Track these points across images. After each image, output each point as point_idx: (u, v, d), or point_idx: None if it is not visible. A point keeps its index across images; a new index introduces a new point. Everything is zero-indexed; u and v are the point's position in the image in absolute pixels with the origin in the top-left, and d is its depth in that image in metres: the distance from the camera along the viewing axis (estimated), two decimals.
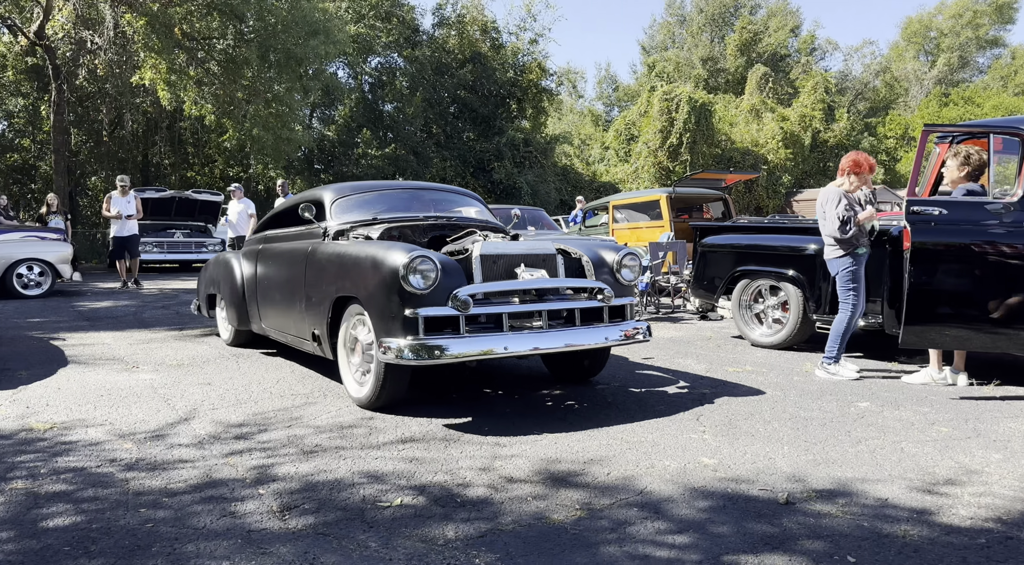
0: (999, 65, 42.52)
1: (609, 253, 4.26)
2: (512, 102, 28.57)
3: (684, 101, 26.97)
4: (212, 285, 6.33)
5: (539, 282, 3.84)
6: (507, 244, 3.99)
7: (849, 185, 4.95)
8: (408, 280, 3.52)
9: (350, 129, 25.91)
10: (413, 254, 3.56)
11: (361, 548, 2.32)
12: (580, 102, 46.63)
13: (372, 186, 5.12)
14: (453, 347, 3.52)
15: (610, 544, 2.36)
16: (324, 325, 4.20)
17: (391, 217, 4.65)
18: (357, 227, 4.53)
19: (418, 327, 3.53)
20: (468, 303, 3.58)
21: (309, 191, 5.18)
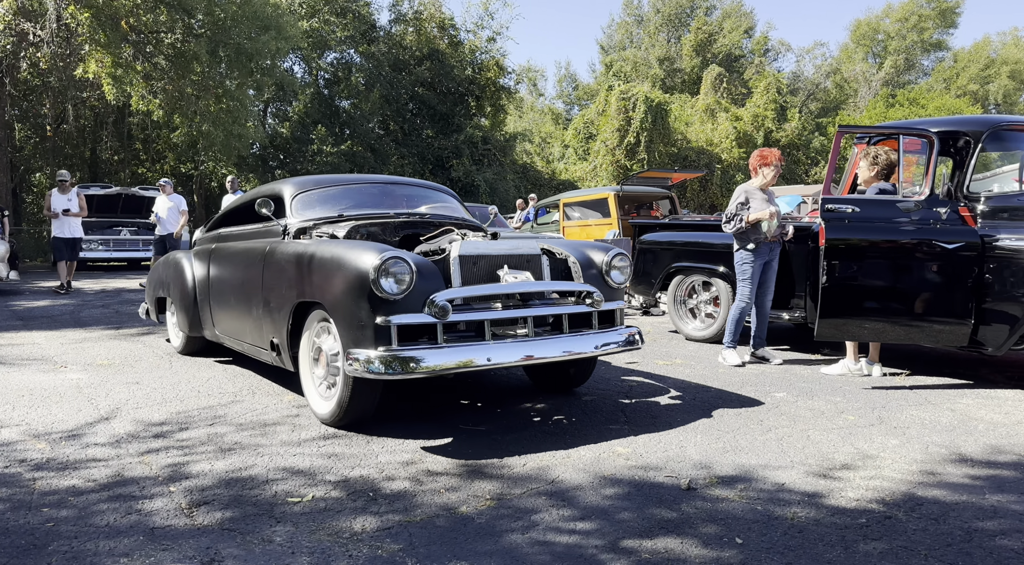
0: (942, 68, 44.04)
1: (597, 253, 3.93)
2: (471, 100, 28.58)
3: (641, 100, 27.35)
4: (161, 287, 5.87)
5: (524, 285, 3.51)
6: (488, 244, 3.63)
7: (763, 180, 5.18)
8: (379, 284, 3.16)
9: (305, 125, 25.61)
10: (385, 255, 3.20)
11: (265, 542, 2.34)
12: (540, 100, 46.82)
13: (337, 180, 4.69)
14: (430, 358, 3.15)
15: (514, 532, 2.42)
16: (284, 333, 3.82)
17: (358, 214, 4.26)
18: (321, 225, 4.14)
19: (391, 336, 3.17)
20: (447, 309, 3.22)
21: (267, 185, 4.76)
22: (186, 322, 5.29)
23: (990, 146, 4.73)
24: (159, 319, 6.18)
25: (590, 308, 3.66)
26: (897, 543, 2.30)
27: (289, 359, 3.86)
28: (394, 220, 4.28)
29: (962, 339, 4.40)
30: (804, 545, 2.29)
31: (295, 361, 3.86)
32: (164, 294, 5.81)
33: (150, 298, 6.24)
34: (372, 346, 3.20)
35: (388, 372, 3.10)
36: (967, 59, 43.97)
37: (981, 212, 4.41)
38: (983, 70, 43.19)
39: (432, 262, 3.46)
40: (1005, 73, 42.73)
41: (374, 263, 3.18)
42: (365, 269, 3.21)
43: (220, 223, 5.45)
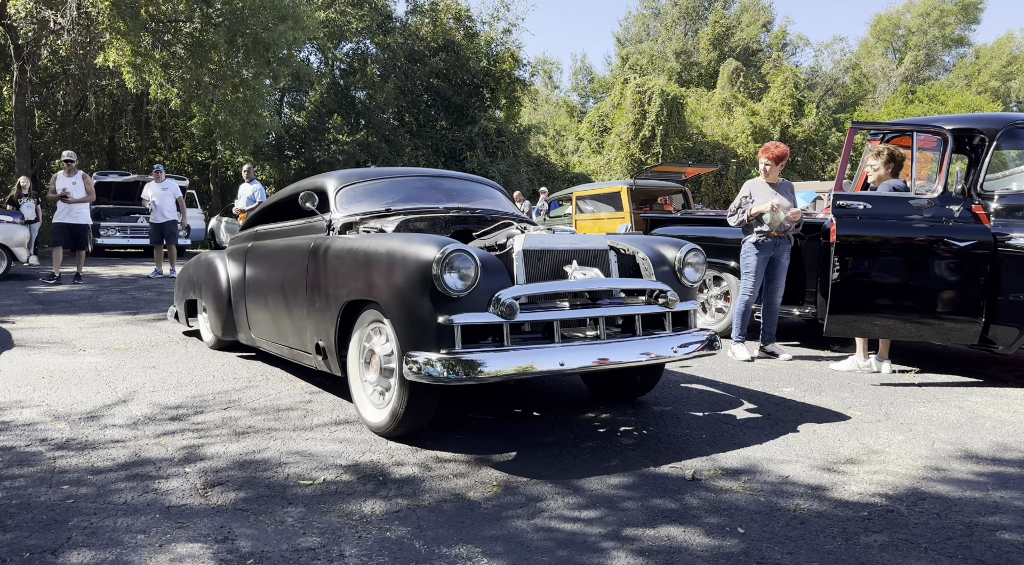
0: (963, 64, 43.43)
1: (669, 250, 3.66)
2: (485, 91, 28.57)
3: (656, 94, 27.21)
4: (193, 289, 5.50)
5: (595, 283, 3.23)
6: (552, 238, 3.36)
7: (764, 175, 5.23)
8: (442, 280, 2.90)
9: (321, 115, 25.73)
10: (447, 248, 2.93)
11: (277, 522, 2.41)
12: (555, 93, 46.68)
13: (383, 173, 4.45)
14: (495, 362, 2.87)
15: (520, 518, 2.47)
16: (332, 335, 3.53)
17: (407, 208, 4.03)
18: (368, 219, 3.91)
19: (453, 338, 2.90)
20: (514, 308, 2.93)
21: (308, 179, 4.52)
22: (220, 325, 5.00)
23: (1005, 144, 4.71)
24: (189, 323, 5.79)
25: (663, 308, 3.36)
26: (898, 536, 2.33)
27: (337, 363, 3.55)
28: (444, 215, 4.02)
29: (972, 337, 4.40)
30: (805, 536, 2.33)
31: (343, 366, 3.55)
32: (196, 296, 5.49)
33: (179, 300, 5.90)
34: (433, 348, 2.92)
35: (451, 377, 2.82)
36: (989, 55, 43.35)
37: (995, 210, 4.39)
38: (1005, 66, 42.58)
39: (496, 257, 3.21)
40: None
41: (436, 257, 2.92)
42: (426, 264, 2.94)
43: (256, 221, 5.15)
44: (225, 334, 4.98)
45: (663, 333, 3.37)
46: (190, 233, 15.80)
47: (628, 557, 2.18)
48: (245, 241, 4.95)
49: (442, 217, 4.01)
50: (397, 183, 4.38)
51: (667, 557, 2.18)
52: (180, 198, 11.48)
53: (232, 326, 4.92)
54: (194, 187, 20.42)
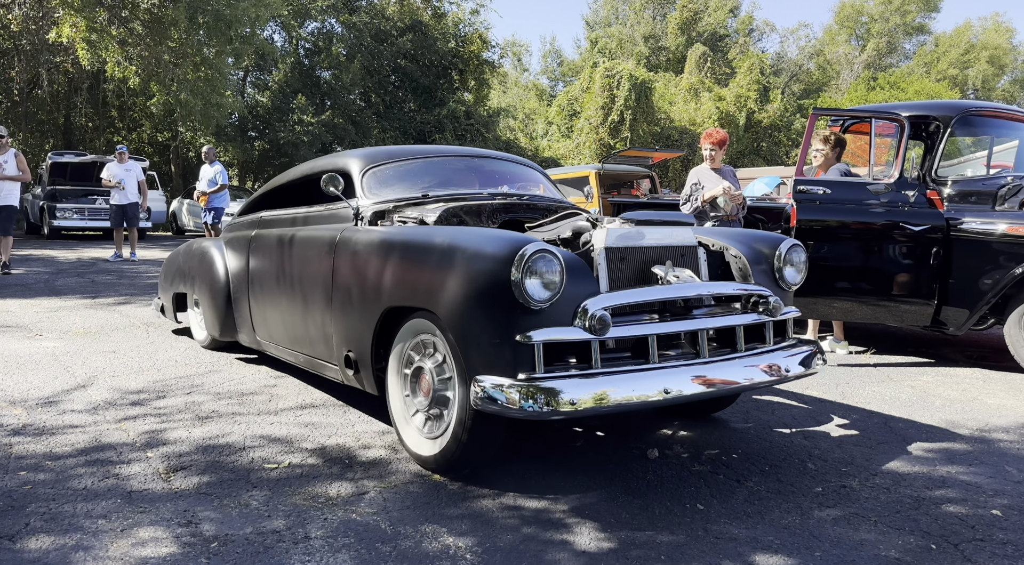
0: (923, 51, 44.33)
1: (766, 245, 3.11)
2: (454, 73, 28.31)
3: (625, 78, 27.26)
4: (182, 281, 4.88)
5: (696, 287, 2.69)
6: (638, 232, 2.78)
7: (708, 161, 5.30)
8: (523, 287, 2.33)
9: (285, 95, 25.23)
10: (529, 248, 2.36)
11: (242, 506, 2.40)
12: (525, 76, 46.49)
13: (415, 152, 3.87)
14: (584, 391, 2.31)
15: (486, 498, 2.50)
16: (367, 346, 2.96)
17: (448, 194, 3.46)
18: (403, 207, 3.32)
19: (533, 359, 2.35)
20: (606, 322, 2.38)
21: (324, 158, 3.98)
22: (217, 324, 4.38)
23: (959, 131, 4.84)
24: (177, 318, 5.25)
25: (766, 317, 2.80)
26: (850, 510, 2.42)
27: (372, 379, 3.00)
28: (490, 202, 3.44)
29: (925, 319, 4.54)
30: (762, 511, 2.40)
31: (380, 382, 3.00)
32: (186, 289, 4.86)
33: (165, 293, 5.26)
34: (507, 371, 2.37)
35: (530, 408, 2.28)
36: (948, 43, 44.27)
37: (948, 196, 4.53)
38: (963, 55, 43.54)
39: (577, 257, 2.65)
40: (984, 58, 43.11)
41: (515, 258, 2.34)
42: (502, 267, 2.37)
43: (258, 205, 4.52)
44: (223, 334, 4.37)
45: (765, 347, 2.81)
46: (151, 216, 15.45)
47: (591, 533, 2.23)
48: (247, 228, 4.31)
49: (488, 205, 3.41)
50: (431, 164, 3.86)
51: (612, 523, 2.23)
52: (142, 180, 11.22)
53: (232, 326, 4.31)
54: (155, 168, 19.95)
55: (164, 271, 5.33)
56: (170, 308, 5.21)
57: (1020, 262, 4.16)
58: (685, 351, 2.64)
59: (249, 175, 28.14)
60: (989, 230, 4.30)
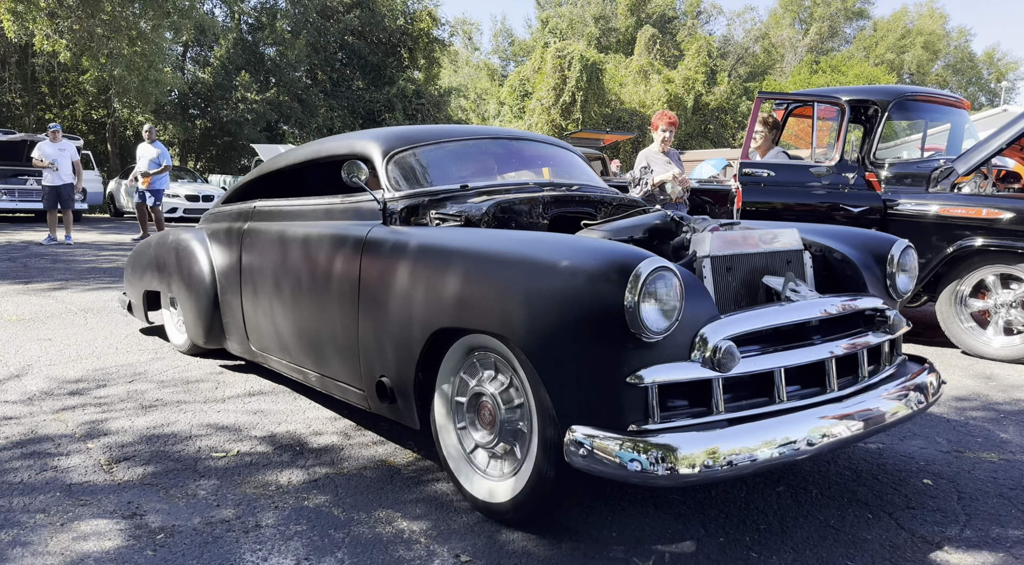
0: (863, 36, 45.64)
1: (873, 247, 2.64)
2: (403, 51, 27.88)
3: (576, 59, 27.29)
4: (156, 276, 4.23)
5: (822, 304, 2.21)
6: (744, 234, 2.32)
7: (658, 144, 5.36)
8: (640, 314, 1.79)
9: (227, 72, 24.45)
10: (647, 264, 1.83)
11: (189, 496, 2.35)
12: (476, 55, 46.07)
13: (442, 133, 3.26)
14: (710, 446, 1.82)
15: (440, 482, 2.51)
16: (410, 373, 2.42)
17: (490, 185, 2.97)
18: (441, 201, 2.78)
19: (647, 405, 1.86)
20: (733, 356, 1.87)
21: (333, 140, 3.40)
22: (201, 330, 3.75)
23: (896, 115, 5.01)
24: (148, 318, 4.60)
25: (886, 335, 2.36)
26: (794, 483, 2.51)
27: (415, 412, 2.47)
28: (539, 195, 2.90)
29: None
30: (707, 488, 2.47)
31: (423, 411, 2.48)
32: (160, 287, 4.20)
33: (133, 288, 4.58)
34: (612, 421, 1.87)
35: (648, 472, 1.77)
36: (885, 28, 45.64)
37: (885, 178, 4.69)
38: (900, 40, 44.97)
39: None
40: (919, 43, 44.63)
41: (630, 277, 1.81)
42: (612, 288, 1.82)
43: (249, 192, 3.89)
44: (209, 341, 3.77)
45: (886, 369, 2.39)
46: (87, 197, 14.83)
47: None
48: (236, 220, 3.67)
49: (540, 199, 2.86)
50: (464, 148, 3.27)
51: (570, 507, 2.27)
52: (77, 160, 10.74)
53: (219, 332, 3.70)
54: (90, 147, 19.15)
55: (132, 264, 4.61)
56: (139, 306, 4.53)
57: (952, 242, 4.34)
58: (806, 385, 2.13)
59: (191, 154, 27.26)
60: (923, 211, 4.47)
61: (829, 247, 2.63)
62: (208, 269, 3.73)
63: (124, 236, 11.76)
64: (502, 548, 2.04)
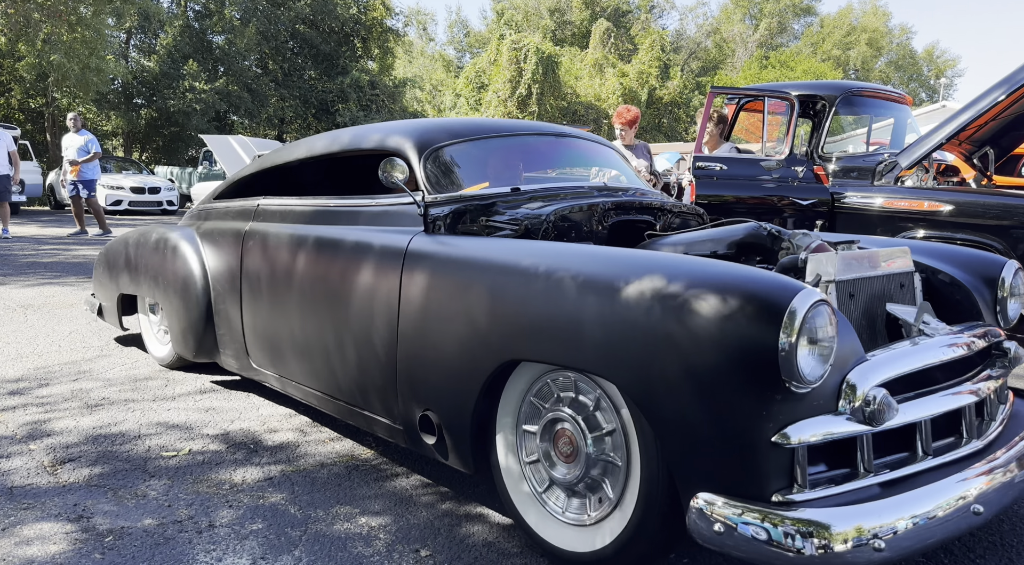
0: (810, 32, 46.81)
1: (980, 269, 2.34)
2: (356, 41, 27.48)
3: (532, 52, 27.31)
4: (133, 279, 3.76)
5: (957, 337, 1.93)
6: (865, 255, 2.03)
7: (621, 140, 5.41)
8: (796, 360, 1.48)
9: (174, 60, 23.72)
10: (803, 298, 1.51)
11: (139, 497, 2.29)
12: (431, 46, 45.71)
13: (482, 127, 2.89)
14: (871, 521, 1.50)
15: (400, 477, 2.49)
16: (467, 408, 2.04)
17: (545, 189, 2.61)
18: (491, 205, 2.43)
19: (793, 470, 1.53)
20: (890, 406, 1.57)
21: (354, 131, 2.98)
22: (190, 341, 3.33)
23: (843, 110, 5.14)
24: (123, 325, 4.02)
25: (1004, 369, 2.06)
26: None
27: (469, 451, 2.08)
28: (598, 200, 2.55)
29: None
30: None
31: (478, 453, 2.09)
32: (138, 291, 3.76)
33: (105, 290, 4.07)
34: (756, 490, 1.53)
35: (802, 552, 1.45)
36: (832, 25, 46.87)
37: (833, 171, 4.82)
38: (845, 36, 46.24)
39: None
40: (864, 40, 45.97)
41: (785, 315, 1.48)
42: (764, 328, 1.49)
43: (247, 188, 3.48)
44: (199, 354, 3.35)
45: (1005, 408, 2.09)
46: (25, 189, 14.23)
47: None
48: (236, 219, 3.25)
49: (599, 205, 2.51)
50: (508, 145, 2.92)
51: None
52: (13, 151, 10.30)
53: (211, 344, 3.28)
54: (27, 137, 18.36)
55: (104, 264, 4.11)
56: (112, 311, 4.00)
57: (895, 233, 4.49)
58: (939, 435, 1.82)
59: (136, 145, 26.40)
60: (868, 204, 4.61)
61: (934, 268, 2.33)
62: (200, 273, 3.29)
63: (64, 229, 11.33)
64: (462, 542, 2.04)
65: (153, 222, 11.46)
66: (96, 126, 23.04)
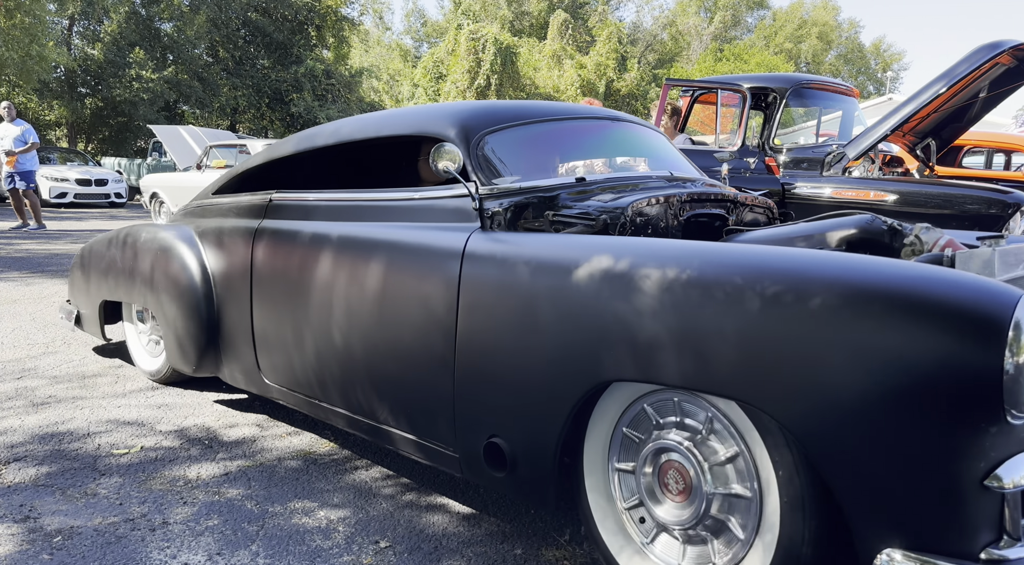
0: (763, 25, 47.69)
1: None
2: (310, 29, 26.99)
3: (490, 42, 27.20)
4: (122, 284, 3.30)
5: None
6: (1019, 250, 1.82)
7: None
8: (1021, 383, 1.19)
9: (120, 48, 22.96)
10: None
11: (89, 496, 2.23)
12: (387, 35, 45.18)
13: (531, 110, 2.53)
14: None
15: (360, 470, 2.48)
16: (551, 438, 1.73)
17: (612, 179, 2.35)
18: (564, 201, 2.13)
19: (1004, 520, 1.27)
20: None
21: (388, 115, 2.67)
22: (191, 354, 2.91)
23: (794, 102, 5.27)
24: (105, 334, 3.56)
25: None
26: None
27: (552, 483, 1.77)
28: (676, 192, 2.26)
29: None
30: None
31: (559, 490, 1.79)
32: (127, 297, 3.29)
33: (85, 297, 3.60)
34: (962, 545, 1.26)
35: None
36: (784, 19, 47.82)
37: (783, 162, 4.93)
38: (797, 30, 47.23)
39: None
40: (815, 34, 47.02)
41: (1010, 328, 1.20)
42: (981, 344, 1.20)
43: (255, 179, 3.09)
44: (200, 368, 2.93)
45: None
46: None
47: (468, 495, 2.28)
48: (245, 216, 2.87)
49: (676, 197, 2.22)
50: (563, 130, 2.61)
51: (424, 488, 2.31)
52: None
53: (214, 357, 2.89)
54: None
55: (82, 267, 3.62)
56: (94, 319, 3.53)
57: None
58: None
59: (81, 136, 25.50)
60: (817, 194, 4.74)
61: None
62: (201, 277, 2.89)
63: (6, 223, 10.91)
64: (422, 532, 2.05)
65: (122, 219, 11.09)
66: (38, 116, 22.18)
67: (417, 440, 2.09)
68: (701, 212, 2.30)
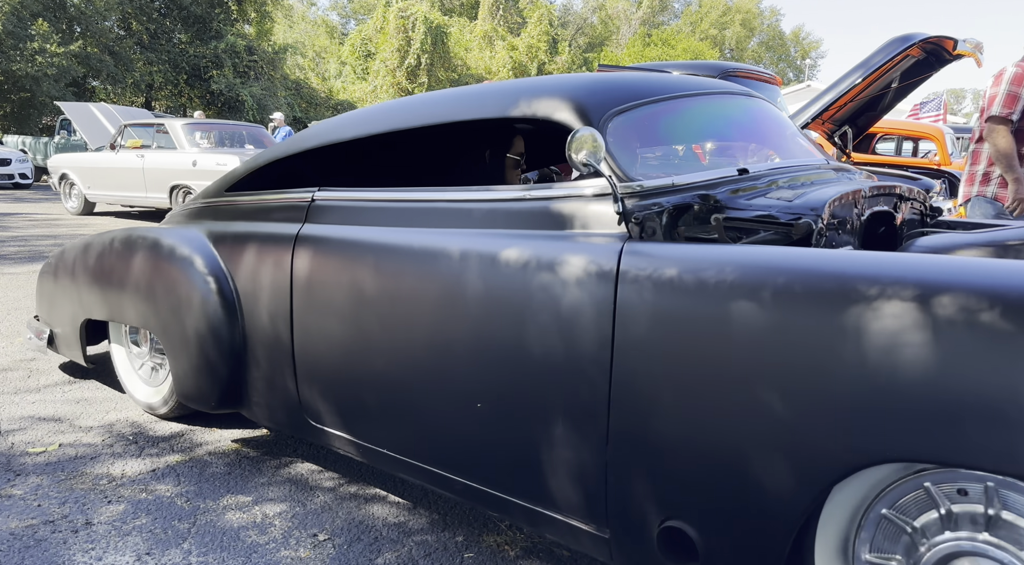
0: (689, 12, 48.63)
1: None
2: (231, 3, 25.82)
3: (420, 21, 26.75)
4: (111, 299, 2.69)
5: None
6: None
7: None
8: None
9: (20, 19, 21.39)
10: None
11: (3, 498, 2.11)
12: (313, 10, 43.80)
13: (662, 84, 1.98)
14: None
15: (296, 462, 2.44)
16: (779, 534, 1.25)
17: (776, 169, 1.92)
18: (734, 200, 1.68)
19: None
20: None
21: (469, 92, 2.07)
22: (209, 388, 2.35)
23: None
24: (86, 357, 2.92)
25: None
26: None
27: None
28: (859, 187, 1.84)
29: None
30: None
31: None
32: (118, 316, 2.68)
33: (60, 314, 2.97)
34: None
35: None
36: (709, 5, 48.87)
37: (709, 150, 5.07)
38: (721, 16, 48.38)
39: None
40: (738, 21, 48.29)
41: None
42: None
43: (279, 172, 2.57)
44: (221, 404, 2.38)
45: None
46: None
47: (408, 486, 2.27)
48: (277, 219, 2.31)
49: (861, 192, 1.83)
50: (700, 109, 2.11)
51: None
52: None
53: (239, 392, 2.36)
54: None
55: (55, 279, 2.97)
56: (73, 341, 2.92)
57: None
58: None
59: None
60: None
61: None
62: (219, 293, 2.32)
63: None
64: (361, 524, 2.03)
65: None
66: None
67: (545, 512, 1.62)
68: (877, 210, 1.91)
